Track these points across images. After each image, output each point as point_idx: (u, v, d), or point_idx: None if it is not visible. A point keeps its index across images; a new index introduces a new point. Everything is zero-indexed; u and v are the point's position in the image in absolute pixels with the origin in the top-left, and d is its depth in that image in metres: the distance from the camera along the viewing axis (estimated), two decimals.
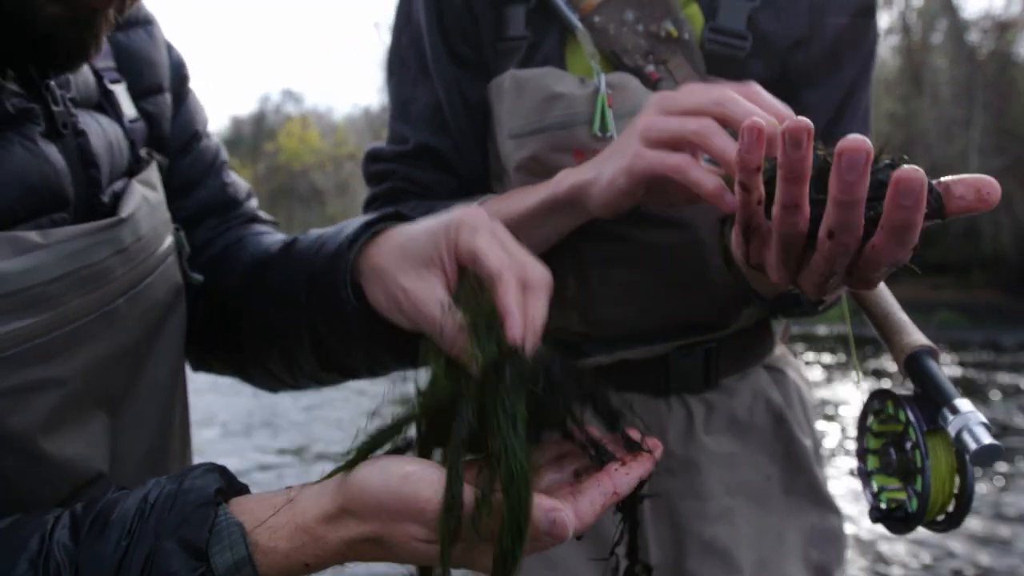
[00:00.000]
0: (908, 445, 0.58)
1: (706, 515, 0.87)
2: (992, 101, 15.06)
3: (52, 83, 0.56)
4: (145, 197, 0.62)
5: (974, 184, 0.45)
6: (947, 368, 7.86)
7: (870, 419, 0.63)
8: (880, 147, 0.48)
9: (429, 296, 0.53)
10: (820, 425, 0.97)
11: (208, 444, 5.20)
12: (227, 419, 6.12)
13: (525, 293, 0.51)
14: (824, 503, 0.92)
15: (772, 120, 0.56)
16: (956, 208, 0.46)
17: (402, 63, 0.89)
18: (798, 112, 0.81)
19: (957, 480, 0.57)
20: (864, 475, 0.62)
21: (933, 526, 0.59)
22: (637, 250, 0.79)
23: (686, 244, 0.80)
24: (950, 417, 0.55)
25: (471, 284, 0.51)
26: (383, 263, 0.57)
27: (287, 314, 0.66)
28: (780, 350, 0.96)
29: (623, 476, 0.48)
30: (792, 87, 0.81)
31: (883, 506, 0.60)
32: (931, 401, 0.57)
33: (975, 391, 6.76)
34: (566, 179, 0.71)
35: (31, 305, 0.49)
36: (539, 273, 0.53)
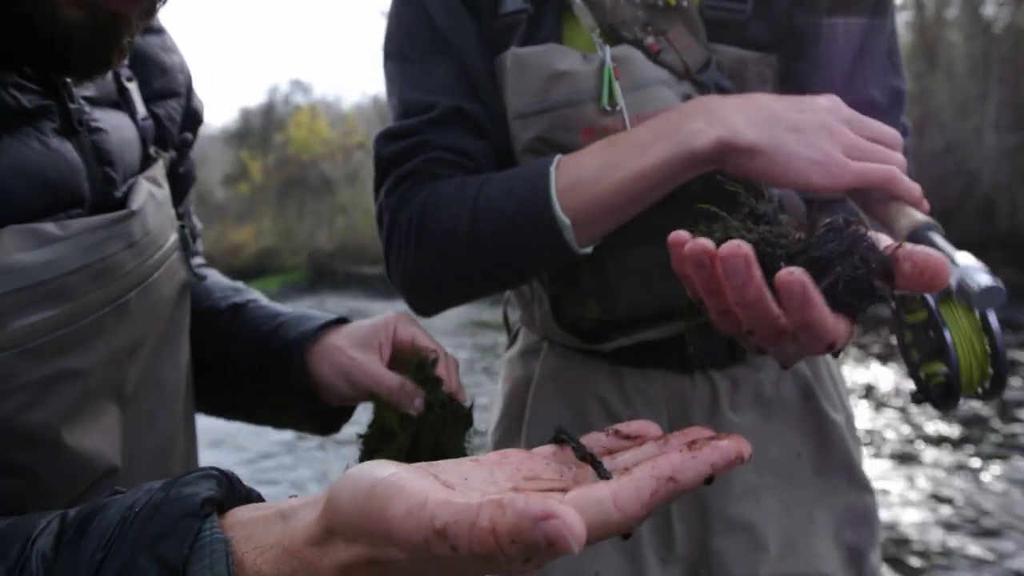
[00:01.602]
0: (933, 323, 0.58)
1: (731, 493, 0.86)
2: (1008, 76, 14.80)
3: (69, 80, 0.56)
4: (151, 193, 0.63)
5: (920, 266, 0.44)
6: None
7: (902, 315, 0.62)
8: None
9: (375, 365, 0.70)
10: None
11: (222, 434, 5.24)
12: None
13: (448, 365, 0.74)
14: (859, 482, 0.90)
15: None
16: (903, 287, 0.45)
17: (406, 42, 0.84)
18: (809, 70, 0.81)
19: (987, 344, 0.56)
20: (912, 368, 0.61)
21: (980, 397, 0.58)
22: (651, 230, 0.77)
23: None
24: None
25: (413, 356, 0.72)
26: (334, 342, 0.73)
27: (226, 367, 0.78)
28: None
29: (688, 460, 0.37)
30: (799, 44, 0.80)
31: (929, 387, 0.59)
32: None
33: None
34: (705, 133, 0.68)
35: (52, 297, 0.49)
36: (452, 356, 0.74)
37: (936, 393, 0.57)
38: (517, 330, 1.04)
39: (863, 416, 5.15)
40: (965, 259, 0.55)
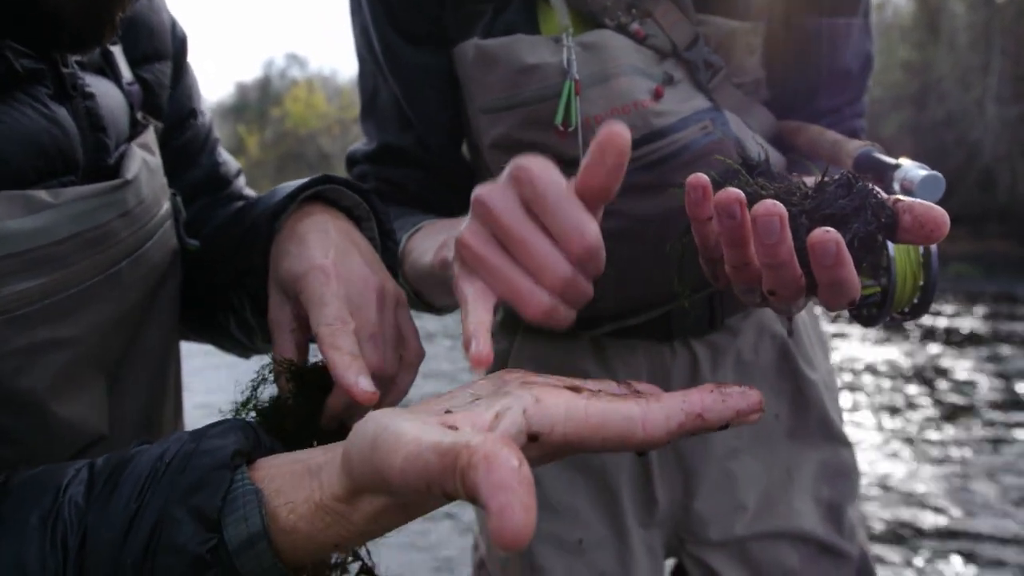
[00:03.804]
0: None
1: (711, 455, 0.88)
2: (1010, 47, 14.67)
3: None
4: (145, 161, 0.62)
5: (921, 219, 0.43)
6: (961, 320, 7.82)
7: None
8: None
9: (281, 315, 0.58)
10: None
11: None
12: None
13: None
14: (835, 438, 0.91)
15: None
16: (902, 241, 0.45)
17: (359, 55, 0.85)
18: (799, 37, 0.80)
19: (923, 273, 0.59)
20: None
21: (904, 315, 0.61)
22: (628, 223, 0.76)
23: (678, 209, 0.77)
24: (893, 177, 0.57)
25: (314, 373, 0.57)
26: (275, 271, 0.60)
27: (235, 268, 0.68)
28: None
29: (719, 401, 0.39)
30: (787, 10, 0.79)
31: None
32: (886, 186, 0.58)
33: (989, 342, 6.73)
34: (441, 250, 0.63)
35: (41, 265, 0.49)
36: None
37: (866, 308, 0.60)
38: None
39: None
40: (905, 162, 0.58)
